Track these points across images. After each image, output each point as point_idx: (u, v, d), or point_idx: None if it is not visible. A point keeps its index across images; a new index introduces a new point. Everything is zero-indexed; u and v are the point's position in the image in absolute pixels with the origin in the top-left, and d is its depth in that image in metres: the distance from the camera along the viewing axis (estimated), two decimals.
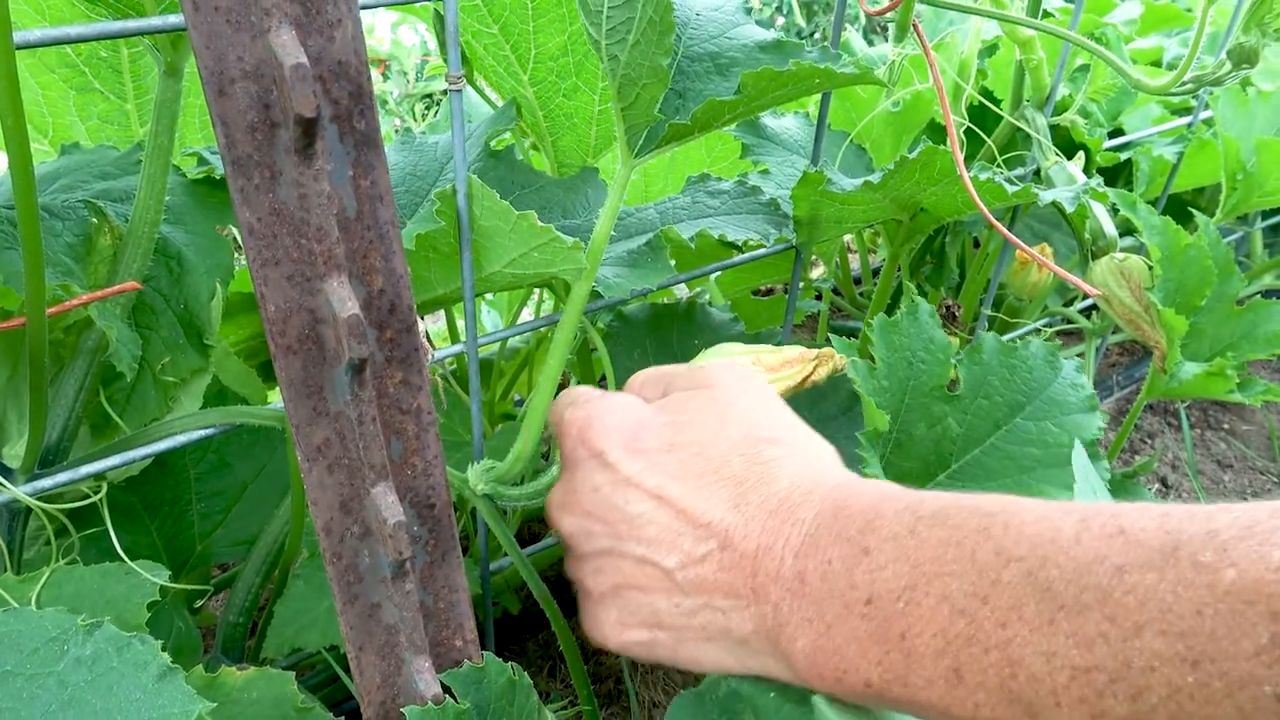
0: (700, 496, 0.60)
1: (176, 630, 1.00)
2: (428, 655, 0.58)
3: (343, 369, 0.50)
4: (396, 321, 0.52)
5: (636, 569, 0.62)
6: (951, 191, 1.10)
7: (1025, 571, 0.46)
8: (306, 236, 0.48)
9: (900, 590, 0.51)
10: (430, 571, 0.58)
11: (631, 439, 0.65)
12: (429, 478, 0.56)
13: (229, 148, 0.45)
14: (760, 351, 0.79)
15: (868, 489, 0.57)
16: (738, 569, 0.58)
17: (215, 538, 1.08)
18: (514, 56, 1.15)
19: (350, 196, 0.49)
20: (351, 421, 0.52)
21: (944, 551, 0.50)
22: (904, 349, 0.90)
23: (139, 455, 0.81)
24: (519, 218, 0.80)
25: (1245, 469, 1.76)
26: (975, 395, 0.92)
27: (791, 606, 0.55)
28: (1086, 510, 0.48)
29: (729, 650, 0.60)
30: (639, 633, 0.64)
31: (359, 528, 0.54)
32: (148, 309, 0.93)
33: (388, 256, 0.50)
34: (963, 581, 0.48)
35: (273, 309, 0.48)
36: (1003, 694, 0.46)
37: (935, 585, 0.49)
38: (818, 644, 0.54)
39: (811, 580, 0.54)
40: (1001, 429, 0.93)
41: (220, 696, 0.76)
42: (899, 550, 0.52)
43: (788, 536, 0.56)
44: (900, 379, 0.89)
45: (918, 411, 0.90)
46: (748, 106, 0.79)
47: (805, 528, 0.56)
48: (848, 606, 0.53)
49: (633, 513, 0.62)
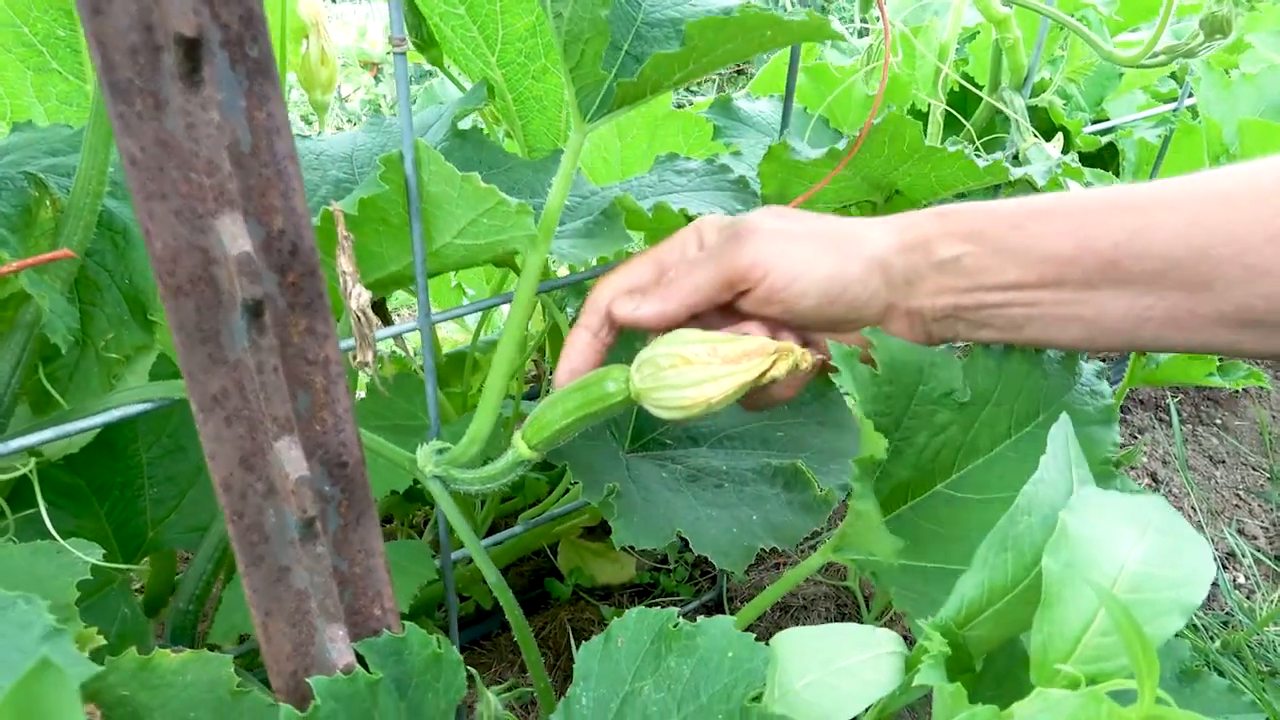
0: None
1: (122, 616, 0.97)
2: (342, 623, 0.56)
3: (239, 313, 0.48)
4: (299, 264, 0.49)
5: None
6: (925, 170, 1.08)
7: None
8: (196, 170, 0.45)
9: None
10: (344, 535, 0.55)
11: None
12: (340, 434, 0.53)
13: (107, 71, 0.43)
14: (717, 341, 0.75)
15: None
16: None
17: (168, 524, 1.05)
18: (481, 38, 1.12)
19: (244, 129, 0.46)
20: (251, 370, 0.49)
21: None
22: (913, 352, 0.80)
23: (74, 429, 0.78)
24: (464, 180, 0.78)
25: (1238, 464, 1.72)
26: (985, 402, 0.84)
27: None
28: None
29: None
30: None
31: (262, 485, 0.51)
32: (91, 284, 0.90)
33: (287, 195, 0.48)
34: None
35: (160, 246, 0.45)
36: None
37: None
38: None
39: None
40: (1011, 438, 0.87)
41: (154, 680, 0.73)
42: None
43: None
44: (906, 385, 0.80)
45: (922, 419, 0.82)
46: (698, 62, 0.76)
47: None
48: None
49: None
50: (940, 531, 0.84)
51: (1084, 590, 0.44)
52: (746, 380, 0.73)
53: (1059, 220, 0.72)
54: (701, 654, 0.65)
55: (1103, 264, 0.70)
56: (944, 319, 0.78)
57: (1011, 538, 0.55)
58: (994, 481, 0.85)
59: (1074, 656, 0.44)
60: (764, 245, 0.75)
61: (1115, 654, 0.44)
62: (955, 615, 0.55)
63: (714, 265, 0.77)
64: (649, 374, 0.75)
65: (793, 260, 0.75)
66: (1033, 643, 0.46)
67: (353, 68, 3.53)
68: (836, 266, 0.75)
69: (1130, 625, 0.38)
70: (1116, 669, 0.44)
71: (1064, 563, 0.46)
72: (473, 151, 1.12)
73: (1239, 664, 1.31)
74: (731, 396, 0.73)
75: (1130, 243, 0.69)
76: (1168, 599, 0.44)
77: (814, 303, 0.75)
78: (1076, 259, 0.71)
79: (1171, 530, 0.47)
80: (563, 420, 0.81)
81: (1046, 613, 0.46)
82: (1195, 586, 0.45)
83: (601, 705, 0.67)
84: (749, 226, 0.77)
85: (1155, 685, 0.38)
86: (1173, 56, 0.91)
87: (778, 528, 0.97)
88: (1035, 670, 0.45)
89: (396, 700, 0.59)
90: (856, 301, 0.76)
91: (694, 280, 0.77)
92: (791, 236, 0.76)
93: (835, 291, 0.75)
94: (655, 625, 0.68)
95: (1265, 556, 1.54)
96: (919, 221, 0.78)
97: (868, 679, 0.59)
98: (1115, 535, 0.46)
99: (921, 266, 0.76)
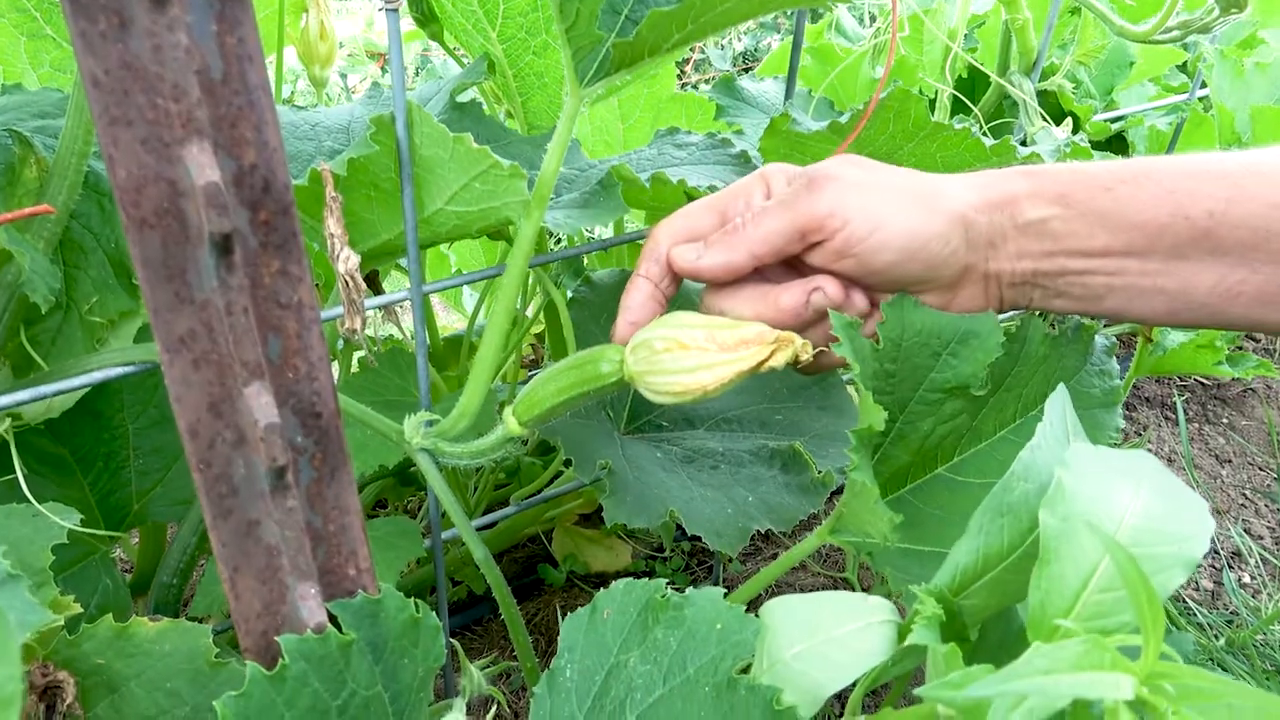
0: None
1: (103, 587, 0.95)
2: (315, 582, 0.54)
3: (207, 249, 0.46)
4: (271, 202, 0.47)
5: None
6: (931, 149, 1.06)
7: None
8: (162, 95, 0.43)
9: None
10: (318, 489, 0.53)
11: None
12: (313, 382, 0.51)
13: None
14: (716, 326, 0.72)
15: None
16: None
17: (154, 496, 1.03)
18: (482, 12, 1.11)
19: (215, 54, 0.44)
20: (219, 311, 0.47)
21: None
22: (930, 335, 0.76)
23: (51, 390, 0.76)
24: (456, 141, 0.76)
25: (1244, 464, 1.70)
26: (998, 388, 0.81)
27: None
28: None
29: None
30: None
31: (231, 433, 0.49)
32: (76, 246, 0.89)
33: (260, 127, 0.46)
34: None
35: (124, 175, 0.44)
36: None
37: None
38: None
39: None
40: (1016, 421, 0.84)
41: (131, 648, 0.72)
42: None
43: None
44: (915, 368, 0.76)
45: (930, 405, 0.79)
46: (696, 21, 0.74)
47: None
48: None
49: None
50: (939, 515, 0.82)
51: (1083, 545, 0.42)
52: (743, 369, 0.70)
53: (1152, 185, 0.69)
54: (689, 626, 0.63)
55: (1196, 233, 0.67)
56: (1021, 285, 0.75)
57: (1007, 504, 0.53)
58: (995, 465, 0.83)
59: (1073, 614, 0.42)
60: (844, 194, 0.70)
61: (1116, 610, 0.41)
62: (950, 582, 0.53)
63: (788, 212, 0.72)
64: (644, 357, 0.73)
65: (873, 211, 0.70)
66: (1030, 601, 0.44)
67: (359, 57, 3.51)
68: (918, 220, 0.71)
69: (1136, 573, 0.35)
70: (1117, 626, 0.41)
71: (1061, 517, 0.44)
72: (471, 125, 1.10)
73: (1245, 662, 1.29)
74: (728, 384, 0.71)
75: (1227, 211, 0.66)
76: (1169, 553, 0.42)
77: (892, 258, 0.71)
78: (1169, 226, 0.68)
79: (1167, 485, 0.45)
80: (555, 398, 0.79)
81: (1044, 569, 0.44)
82: (1196, 541, 0.43)
83: (586, 677, 0.65)
84: (827, 173, 0.72)
85: (1160, 638, 0.36)
86: (1186, 32, 0.89)
87: (774, 509, 0.95)
88: (1032, 629, 0.43)
89: (371, 664, 0.57)
90: (935, 259, 0.72)
91: (764, 228, 0.72)
92: (872, 186, 0.72)
93: (915, 247, 0.71)
94: (643, 596, 0.66)
95: (1271, 555, 1.51)
96: (1005, 179, 0.74)
97: (859, 649, 0.57)
98: (1112, 489, 0.44)
99: (1006, 227, 0.72)
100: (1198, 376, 1.89)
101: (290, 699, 0.52)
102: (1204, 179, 0.68)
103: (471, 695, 0.79)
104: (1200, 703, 0.35)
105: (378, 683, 0.57)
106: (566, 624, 0.66)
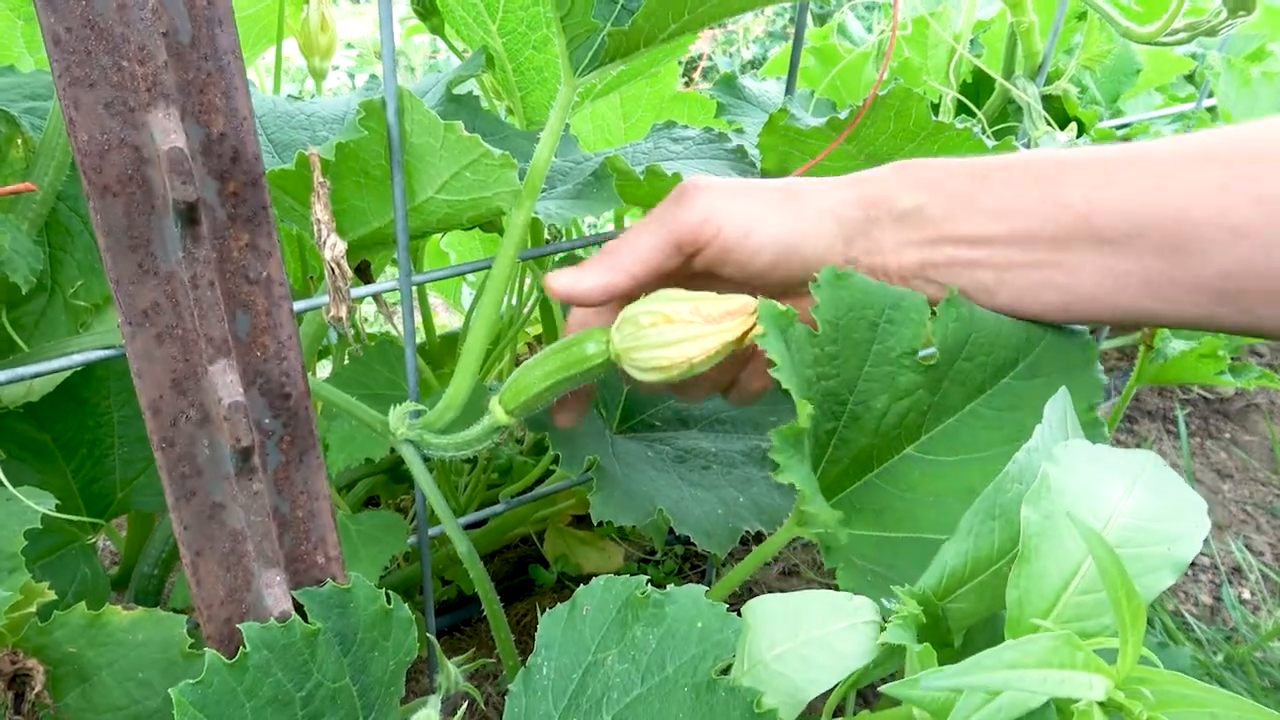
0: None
1: (81, 576, 0.94)
2: (281, 569, 0.52)
3: (172, 219, 0.44)
4: (240, 173, 0.46)
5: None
6: (931, 149, 1.04)
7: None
8: (127, 57, 0.42)
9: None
10: (286, 473, 0.52)
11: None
12: (282, 361, 0.49)
13: None
14: (701, 300, 0.71)
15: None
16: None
17: (138, 485, 1.02)
18: (483, 4, 1.09)
19: (183, 16, 0.43)
20: (185, 284, 0.46)
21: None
22: (863, 307, 0.74)
23: (28, 372, 0.75)
24: (447, 129, 0.75)
25: (1246, 479, 1.68)
26: (955, 357, 0.77)
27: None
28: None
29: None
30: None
31: (196, 412, 0.48)
32: (62, 229, 0.88)
33: (229, 94, 0.44)
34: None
35: (85, 138, 0.42)
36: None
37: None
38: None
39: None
40: (985, 392, 0.82)
41: (104, 637, 0.70)
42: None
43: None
44: (858, 343, 0.74)
45: (880, 382, 0.76)
46: (693, 11, 0.73)
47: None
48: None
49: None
50: (910, 497, 0.79)
51: (1066, 544, 0.41)
52: (729, 340, 0.69)
53: (1023, 171, 0.70)
54: (669, 624, 0.62)
55: (1075, 219, 0.67)
56: (913, 278, 0.74)
57: (999, 506, 0.51)
58: (968, 441, 0.79)
59: (1053, 614, 0.41)
60: (715, 200, 0.71)
61: (1097, 613, 0.40)
62: (936, 585, 0.51)
63: (661, 227, 0.72)
64: (629, 333, 0.72)
65: (745, 214, 0.71)
66: (1008, 599, 0.42)
67: (368, 57, 3.51)
68: (791, 218, 0.71)
69: (1116, 570, 0.34)
70: (1098, 629, 0.40)
71: (1045, 513, 0.42)
72: (466, 118, 1.09)
73: (1243, 679, 1.27)
74: (714, 357, 0.70)
75: (1101, 198, 0.66)
76: (1158, 554, 0.40)
77: (770, 258, 0.71)
78: (1048, 214, 0.68)
79: (1164, 484, 0.43)
80: (542, 383, 0.78)
81: (1024, 567, 0.42)
82: (1187, 542, 0.41)
83: (563, 675, 0.64)
84: (695, 183, 0.73)
85: (1140, 641, 0.34)
86: (1193, 34, 0.87)
87: (764, 509, 0.93)
88: (1010, 629, 0.41)
89: (339, 655, 0.55)
90: (813, 256, 0.72)
91: (639, 246, 0.72)
92: (741, 191, 0.72)
93: (792, 243, 0.71)
94: (623, 593, 0.64)
95: (1272, 571, 1.49)
96: (878, 174, 0.74)
97: (842, 650, 0.55)
98: (1103, 487, 0.42)
99: (882, 218, 0.73)
100: (1200, 390, 1.87)
101: (251, 689, 0.51)
102: (1075, 168, 0.68)
103: (449, 693, 0.77)
104: (1180, 710, 0.34)
105: (345, 675, 0.55)
106: (545, 621, 0.64)
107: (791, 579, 1.43)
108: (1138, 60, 1.43)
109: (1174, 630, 1.32)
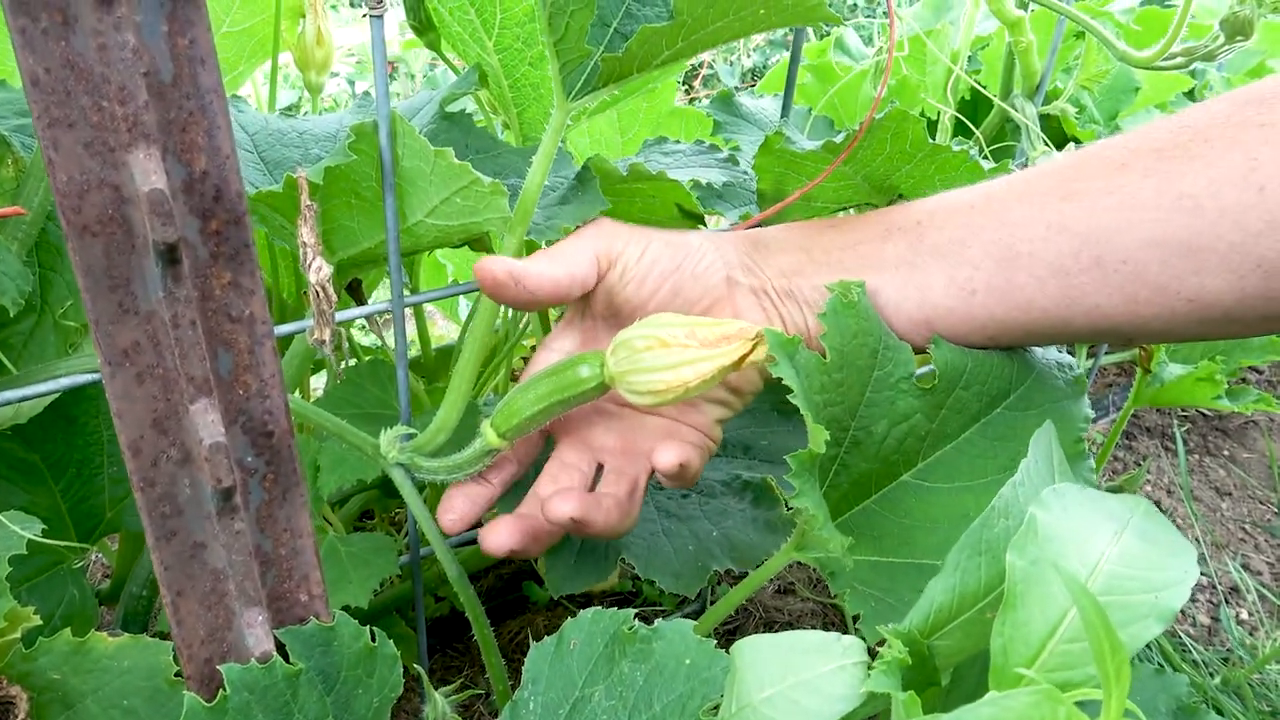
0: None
1: (70, 598, 0.93)
2: (263, 608, 0.52)
3: (153, 259, 0.44)
4: (223, 211, 0.45)
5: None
6: (929, 171, 1.04)
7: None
8: (107, 97, 0.41)
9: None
10: (269, 511, 0.51)
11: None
12: (265, 400, 0.49)
13: None
14: (697, 325, 0.72)
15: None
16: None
17: (128, 504, 1.01)
18: (479, 21, 1.09)
19: (165, 56, 0.42)
20: (165, 324, 0.45)
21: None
22: (865, 334, 0.76)
23: (15, 396, 0.74)
24: (437, 155, 0.75)
25: (1245, 497, 1.67)
26: (953, 386, 0.80)
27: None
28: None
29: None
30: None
31: (177, 451, 0.47)
32: (52, 248, 0.87)
33: (212, 133, 0.44)
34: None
35: (64, 179, 0.42)
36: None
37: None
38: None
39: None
40: (979, 422, 0.82)
41: (88, 664, 0.70)
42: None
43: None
44: (860, 369, 0.76)
45: (880, 407, 0.77)
46: (687, 39, 0.73)
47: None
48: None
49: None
50: (907, 523, 0.80)
51: (1051, 590, 0.40)
52: (725, 364, 0.70)
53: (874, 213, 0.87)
54: (657, 660, 0.61)
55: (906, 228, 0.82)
56: (787, 298, 0.81)
57: (986, 541, 0.50)
58: (964, 469, 0.81)
59: (1037, 664, 0.40)
60: (618, 228, 0.82)
61: (1084, 661, 0.39)
62: (923, 622, 0.51)
63: (584, 240, 0.81)
64: (624, 356, 0.72)
65: (643, 237, 0.81)
66: (993, 646, 0.42)
67: (368, 64, 3.51)
68: (677, 238, 0.82)
69: (1099, 620, 0.33)
70: (1084, 678, 0.39)
71: (1031, 559, 0.41)
72: (460, 135, 1.09)
73: (1239, 702, 1.26)
74: (710, 382, 0.70)
75: (932, 215, 0.82)
76: (1144, 603, 0.40)
77: (666, 265, 0.80)
78: (877, 234, 0.84)
79: (1152, 531, 0.42)
80: (533, 407, 0.78)
81: (1009, 614, 0.41)
82: (1175, 591, 0.40)
83: (550, 711, 0.63)
84: (600, 220, 0.84)
85: (1125, 694, 0.34)
86: (1190, 59, 0.87)
87: (736, 546, 0.93)
88: (994, 677, 0.41)
89: (321, 694, 0.55)
90: (697, 269, 0.80)
91: (574, 248, 0.80)
92: (635, 226, 0.84)
93: (680, 256, 0.80)
94: (610, 627, 0.64)
95: (1270, 592, 1.49)
96: (756, 232, 0.87)
97: (831, 693, 0.55)
98: (1089, 532, 0.42)
99: (753, 251, 0.83)
100: (1199, 407, 1.86)
101: None
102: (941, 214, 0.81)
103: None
104: None
105: (329, 714, 0.55)
106: (532, 654, 0.64)
107: (787, 597, 1.43)
108: (1136, 78, 1.43)
109: (1171, 653, 1.31)
